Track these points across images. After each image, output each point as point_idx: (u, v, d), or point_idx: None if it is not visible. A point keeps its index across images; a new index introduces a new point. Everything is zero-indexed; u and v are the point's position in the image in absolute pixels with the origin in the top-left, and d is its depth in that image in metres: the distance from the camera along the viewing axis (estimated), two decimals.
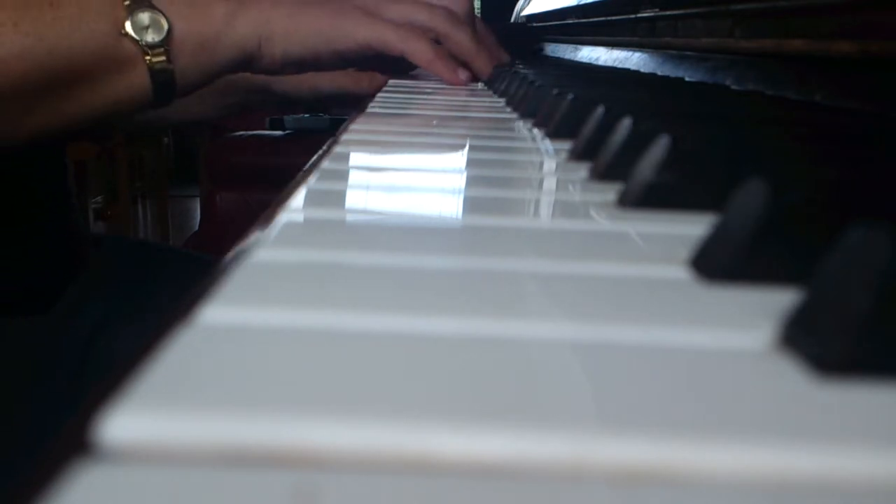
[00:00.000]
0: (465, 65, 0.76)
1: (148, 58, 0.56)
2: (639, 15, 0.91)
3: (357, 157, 0.39)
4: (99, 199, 2.75)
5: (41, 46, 0.52)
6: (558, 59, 1.39)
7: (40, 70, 0.52)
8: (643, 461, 0.12)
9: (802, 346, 0.15)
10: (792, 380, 0.14)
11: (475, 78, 0.77)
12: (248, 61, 0.61)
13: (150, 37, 0.55)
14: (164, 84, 0.57)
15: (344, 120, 0.59)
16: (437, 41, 0.72)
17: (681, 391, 0.14)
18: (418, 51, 0.67)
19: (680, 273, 0.21)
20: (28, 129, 0.55)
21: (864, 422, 0.13)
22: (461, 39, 0.73)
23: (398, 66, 0.83)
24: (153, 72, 0.56)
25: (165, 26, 0.56)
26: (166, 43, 0.56)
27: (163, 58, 0.56)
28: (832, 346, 0.14)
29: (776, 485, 0.11)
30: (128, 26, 0.55)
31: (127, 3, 0.55)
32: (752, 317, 0.17)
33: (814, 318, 0.15)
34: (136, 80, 0.56)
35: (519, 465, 0.12)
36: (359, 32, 0.64)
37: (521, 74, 0.72)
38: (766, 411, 0.13)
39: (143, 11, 0.55)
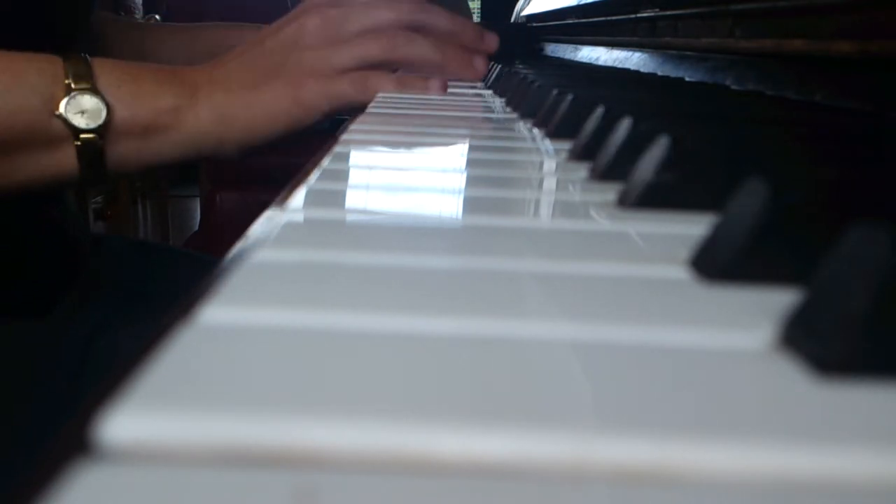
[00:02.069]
0: (460, 48, 0.70)
1: (76, 142, 0.53)
2: (639, 15, 0.91)
3: (357, 157, 0.39)
4: (99, 199, 2.75)
5: None
6: (558, 59, 1.39)
7: None
8: (643, 461, 0.12)
9: (802, 346, 0.15)
10: (792, 380, 0.14)
11: (458, 77, 0.72)
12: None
13: (85, 122, 0.53)
14: (93, 165, 0.55)
15: (344, 120, 0.58)
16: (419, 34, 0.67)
17: (681, 391, 0.14)
18: (383, 89, 0.64)
19: (680, 273, 0.21)
20: None
21: (864, 422, 0.13)
22: (419, 55, 0.67)
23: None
24: (81, 154, 0.54)
25: (104, 115, 0.53)
26: (102, 129, 0.53)
27: (93, 139, 0.53)
28: (832, 346, 0.14)
29: (776, 485, 0.11)
30: (62, 107, 0.52)
31: (67, 81, 0.52)
32: (752, 317, 0.17)
33: (814, 318, 0.15)
34: (64, 160, 0.54)
35: (519, 465, 0.12)
36: (319, 104, 0.61)
37: (521, 74, 0.72)
38: (766, 411, 0.13)
39: (82, 94, 0.53)
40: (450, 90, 0.74)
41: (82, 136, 0.53)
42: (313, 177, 0.32)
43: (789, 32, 0.55)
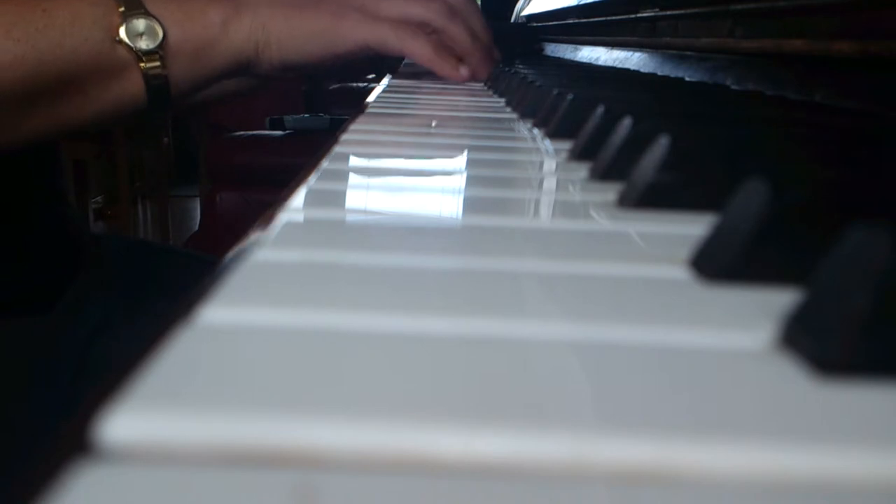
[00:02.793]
0: (460, 60, 0.75)
1: (142, 64, 0.56)
2: (639, 15, 0.91)
3: (357, 157, 0.39)
4: (99, 199, 2.75)
5: (33, 53, 0.52)
6: (558, 59, 1.39)
7: (33, 77, 0.52)
8: (643, 461, 0.12)
9: (802, 346, 0.15)
10: (792, 380, 0.14)
11: (472, 75, 0.76)
12: (244, 67, 0.61)
13: (145, 43, 0.55)
14: (159, 90, 0.57)
15: (344, 120, 0.59)
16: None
17: (681, 391, 0.14)
18: (417, 50, 0.66)
19: (680, 273, 0.21)
20: (22, 134, 0.55)
21: (863, 422, 0.13)
22: (456, 33, 0.72)
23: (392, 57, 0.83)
24: (147, 78, 0.56)
25: (160, 33, 0.56)
26: (161, 49, 0.56)
27: (157, 63, 0.56)
28: (832, 346, 0.14)
29: (776, 485, 0.11)
30: (122, 33, 0.55)
31: (122, 9, 0.55)
32: (752, 317, 0.17)
33: (814, 318, 0.15)
34: (131, 87, 0.56)
35: (519, 465, 0.12)
36: (357, 34, 0.63)
37: (521, 74, 0.72)
38: (766, 411, 0.13)
39: (137, 18, 0.55)
40: (450, 90, 0.75)
41: (145, 58, 0.56)
42: (313, 177, 0.32)
43: (789, 32, 0.55)
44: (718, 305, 0.18)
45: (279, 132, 2.18)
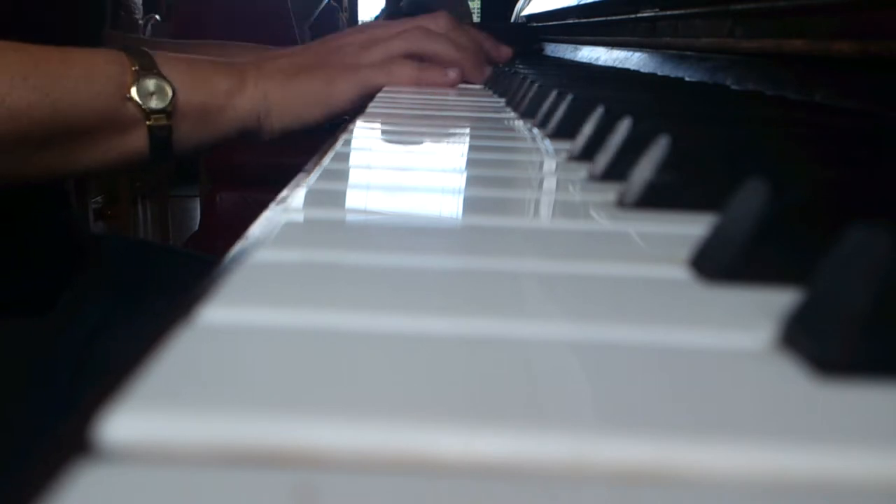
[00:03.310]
0: (477, 53, 0.79)
1: (149, 122, 0.58)
2: (639, 15, 0.91)
3: (357, 157, 0.39)
4: (99, 199, 2.75)
5: (47, 102, 0.53)
6: (558, 58, 1.39)
7: (44, 125, 0.54)
8: (643, 461, 0.12)
9: (802, 346, 0.15)
10: (792, 380, 0.14)
11: (466, 77, 0.79)
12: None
13: (154, 103, 0.58)
14: (163, 147, 0.59)
15: (344, 120, 0.59)
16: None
17: (681, 391, 0.14)
18: (403, 76, 0.71)
19: (680, 273, 0.21)
20: (24, 175, 0.57)
21: (864, 422, 0.13)
22: (438, 50, 0.76)
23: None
24: (153, 135, 0.58)
25: (170, 94, 0.58)
26: (169, 108, 0.58)
27: (164, 122, 0.58)
28: (832, 346, 0.14)
29: (776, 485, 0.11)
30: (133, 91, 0.57)
31: (135, 68, 0.57)
32: (752, 317, 0.17)
33: (814, 318, 0.15)
34: (136, 142, 0.58)
35: (519, 465, 0.12)
36: (350, 92, 0.67)
37: (521, 74, 0.72)
38: (766, 411, 0.13)
39: (149, 78, 0.57)
40: (450, 90, 0.75)
41: (153, 117, 0.58)
42: (313, 177, 0.32)
43: (789, 32, 0.55)
44: (718, 305, 0.18)
45: None
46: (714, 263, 0.20)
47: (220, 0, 2.14)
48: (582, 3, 1.18)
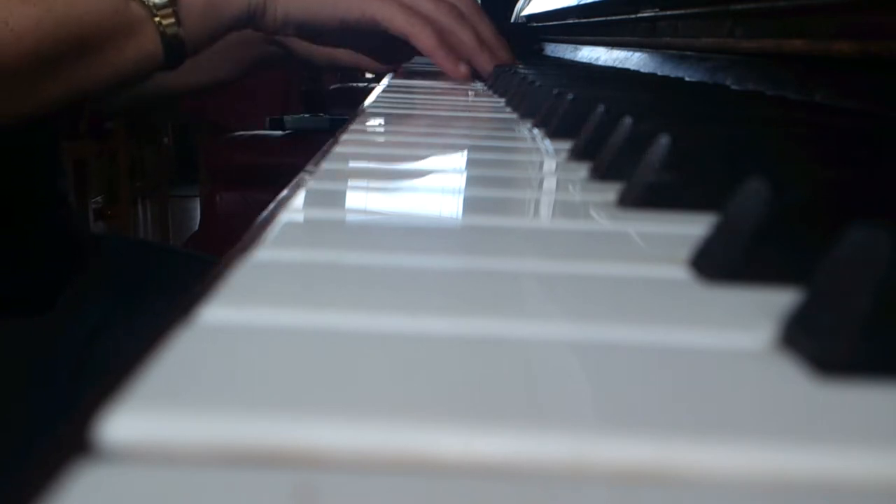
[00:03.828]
0: (466, 62, 0.76)
1: (157, 19, 0.57)
2: (639, 15, 0.91)
3: (357, 158, 0.39)
4: (99, 199, 2.75)
5: (50, 17, 0.52)
6: (558, 59, 1.39)
7: (51, 40, 0.53)
8: (643, 461, 0.12)
9: (802, 346, 0.15)
10: (792, 380, 0.14)
11: (476, 74, 0.77)
12: (251, 18, 0.62)
13: None
14: (174, 45, 0.58)
15: (344, 120, 0.59)
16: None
17: (681, 391, 0.14)
18: (423, 36, 0.68)
19: (680, 273, 0.21)
20: (41, 99, 0.55)
21: (864, 422, 0.13)
22: (463, 36, 0.73)
23: (399, 53, 0.83)
24: (163, 33, 0.57)
25: None
26: (174, 4, 0.57)
27: (172, 19, 0.57)
28: (832, 346, 0.14)
29: (776, 485, 0.11)
30: None
31: None
32: (752, 317, 0.17)
33: (814, 318, 0.15)
34: (147, 43, 0.57)
35: (519, 465, 0.12)
36: (367, 5, 0.64)
37: (521, 74, 0.72)
38: (766, 411, 0.13)
39: None
40: (449, 90, 0.75)
41: (159, 13, 0.57)
42: (313, 177, 0.32)
43: (789, 32, 0.55)
44: (718, 305, 0.18)
45: (279, 132, 2.18)
46: (714, 263, 0.20)
47: None
48: (582, 3, 1.18)
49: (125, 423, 0.12)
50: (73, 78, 0.55)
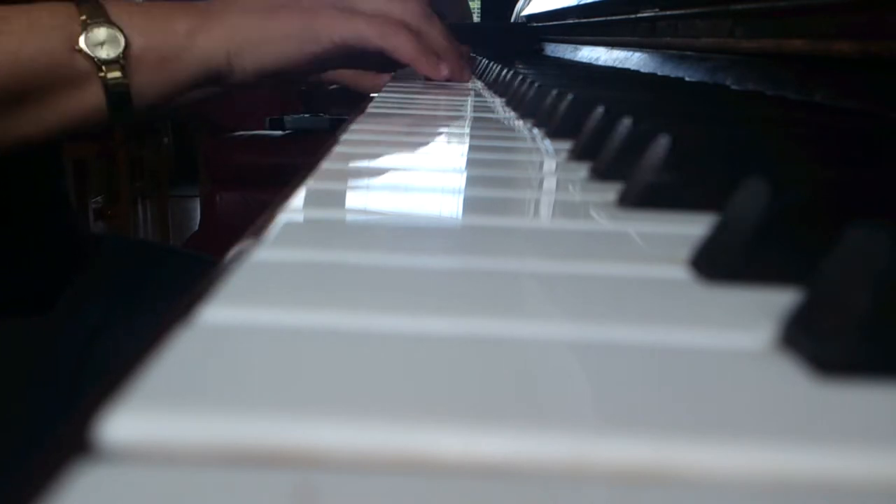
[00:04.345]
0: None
1: (102, 74, 0.54)
2: (639, 15, 0.91)
3: (357, 157, 0.39)
4: (99, 199, 2.75)
5: None
6: (558, 59, 1.39)
7: None
8: (643, 461, 0.12)
9: (802, 346, 0.15)
10: (792, 380, 0.14)
11: (451, 76, 0.74)
12: (215, 77, 0.59)
13: (105, 52, 0.54)
14: (120, 100, 0.55)
15: (344, 120, 0.58)
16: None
17: (681, 391, 0.14)
18: (400, 46, 0.63)
19: (680, 273, 0.21)
20: None
21: (864, 422, 0.13)
22: (434, 35, 0.69)
23: (381, 64, 0.81)
24: (108, 88, 0.55)
25: (122, 42, 0.54)
26: (122, 59, 0.54)
27: (118, 74, 0.54)
28: (832, 346, 0.14)
29: (776, 485, 0.11)
30: (81, 41, 0.53)
31: (83, 17, 0.54)
32: (752, 317, 0.17)
33: (814, 318, 0.15)
34: (91, 97, 0.55)
35: (519, 465, 0.12)
36: (334, 31, 0.60)
37: (521, 74, 0.72)
38: (766, 411, 0.13)
39: (98, 27, 0.54)
40: (449, 90, 0.75)
41: (105, 68, 0.54)
42: (313, 177, 0.32)
43: (789, 32, 0.55)
44: (718, 305, 0.18)
45: (279, 132, 2.18)
46: (714, 263, 0.20)
47: None
48: (582, 3, 1.18)
49: (125, 423, 0.12)
50: (12, 126, 0.54)
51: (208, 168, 2.21)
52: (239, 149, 2.12)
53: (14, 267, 0.65)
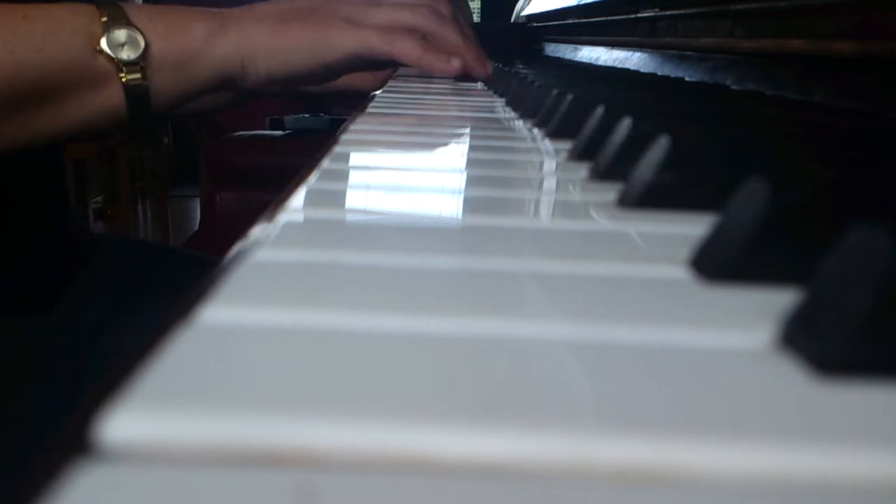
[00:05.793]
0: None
1: (122, 75, 0.55)
2: (639, 15, 0.91)
3: (357, 157, 0.39)
4: (99, 199, 2.75)
5: (11, 60, 0.51)
6: (558, 59, 1.39)
7: (11, 84, 0.52)
8: (643, 461, 0.12)
9: (802, 346, 0.15)
10: (792, 380, 0.14)
11: (468, 70, 0.75)
12: (229, 81, 0.61)
13: (126, 54, 0.55)
14: (139, 102, 0.56)
15: (344, 120, 0.58)
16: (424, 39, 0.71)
17: (681, 391, 0.14)
18: (406, 50, 0.65)
19: (680, 273, 0.21)
20: (1, 142, 0.54)
21: (864, 422, 0.13)
22: (447, 36, 0.71)
23: (384, 64, 0.82)
24: (127, 89, 0.56)
25: (142, 44, 0.55)
26: (142, 60, 0.55)
27: (138, 75, 0.55)
28: (832, 346, 0.14)
29: (776, 485, 0.11)
30: (103, 43, 0.54)
31: (104, 19, 0.54)
32: (752, 317, 0.17)
33: (814, 318, 0.15)
34: (110, 98, 0.56)
35: (519, 465, 0.12)
36: (344, 43, 0.62)
37: (521, 74, 0.72)
38: (766, 411, 0.13)
39: (119, 28, 0.54)
40: (449, 90, 0.75)
41: (125, 69, 0.55)
42: (313, 177, 0.32)
43: (789, 32, 0.55)
44: (718, 305, 0.18)
45: (279, 132, 2.18)
46: (714, 263, 0.20)
47: None
48: (582, 3, 1.18)
49: (125, 422, 0.12)
50: (32, 124, 0.55)
51: (208, 168, 2.21)
52: (239, 149, 2.12)
53: (15, 266, 0.65)
